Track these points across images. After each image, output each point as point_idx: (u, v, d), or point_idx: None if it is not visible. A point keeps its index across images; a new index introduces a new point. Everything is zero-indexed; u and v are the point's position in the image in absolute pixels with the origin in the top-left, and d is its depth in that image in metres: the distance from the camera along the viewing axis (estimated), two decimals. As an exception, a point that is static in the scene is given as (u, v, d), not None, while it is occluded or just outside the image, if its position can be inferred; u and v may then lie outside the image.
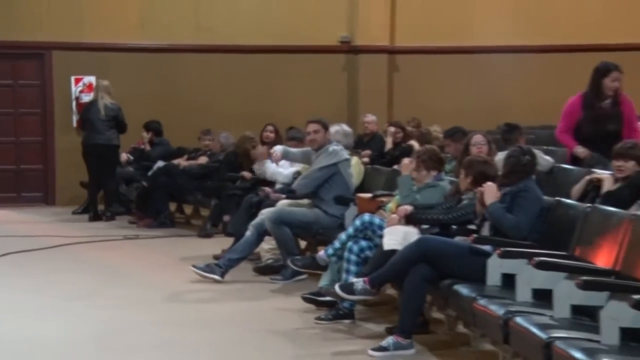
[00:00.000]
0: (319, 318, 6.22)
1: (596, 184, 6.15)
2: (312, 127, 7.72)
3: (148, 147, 11.99)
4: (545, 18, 13.83)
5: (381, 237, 5.95)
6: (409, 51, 14.01)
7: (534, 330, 4.16)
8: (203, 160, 11.05)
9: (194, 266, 7.60)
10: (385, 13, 13.83)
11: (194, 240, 10.06)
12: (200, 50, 13.59)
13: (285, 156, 8.15)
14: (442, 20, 13.83)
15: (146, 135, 12.04)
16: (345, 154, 7.71)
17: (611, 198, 5.65)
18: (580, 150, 7.26)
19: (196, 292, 7.35)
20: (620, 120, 7.14)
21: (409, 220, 5.91)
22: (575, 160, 7.21)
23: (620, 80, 7.17)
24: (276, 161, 8.26)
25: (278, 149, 8.07)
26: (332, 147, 7.60)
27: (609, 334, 3.93)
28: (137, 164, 11.96)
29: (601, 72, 7.22)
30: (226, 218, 9.60)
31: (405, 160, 6.90)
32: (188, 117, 13.03)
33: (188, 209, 11.75)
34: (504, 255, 5.03)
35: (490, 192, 5.57)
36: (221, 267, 7.53)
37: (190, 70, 13.64)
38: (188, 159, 11.34)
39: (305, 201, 7.83)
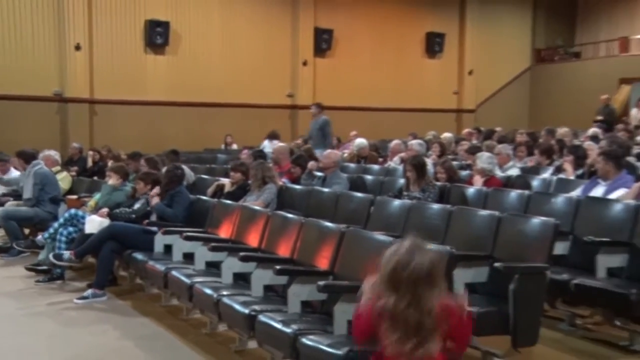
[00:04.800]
0: (37, 281, 5.65)
1: (221, 187, 6.35)
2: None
3: None
4: (191, 83, 13.90)
5: (84, 224, 5.58)
6: (103, 102, 13.24)
7: (183, 278, 4.19)
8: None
9: None
10: (86, 74, 12.94)
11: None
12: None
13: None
14: (125, 80, 13.30)
15: None
16: (45, 170, 7.05)
17: (229, 196, 5.88)
18: None
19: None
20: None
21: (110, 217, 5.57)
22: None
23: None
24: None
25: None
26: (35, 170, 6.91)
27: (227, 278, 4.06)
28: None
29: None
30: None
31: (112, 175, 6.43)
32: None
33: None
34: (165, 233, 4.98)
35: (156, 196, 5.50)
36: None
37: None
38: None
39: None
